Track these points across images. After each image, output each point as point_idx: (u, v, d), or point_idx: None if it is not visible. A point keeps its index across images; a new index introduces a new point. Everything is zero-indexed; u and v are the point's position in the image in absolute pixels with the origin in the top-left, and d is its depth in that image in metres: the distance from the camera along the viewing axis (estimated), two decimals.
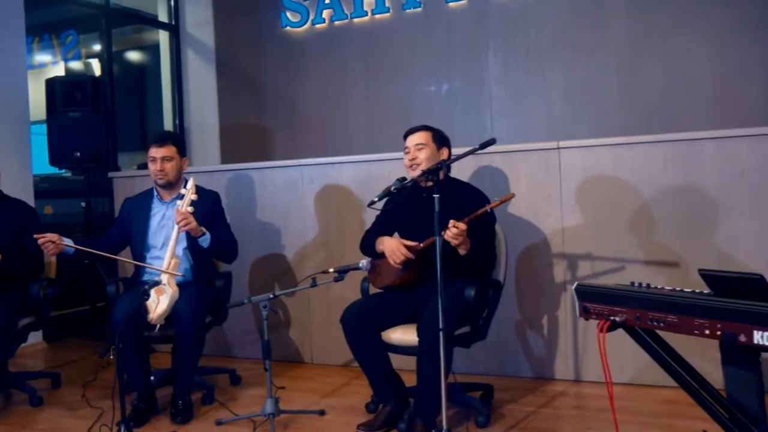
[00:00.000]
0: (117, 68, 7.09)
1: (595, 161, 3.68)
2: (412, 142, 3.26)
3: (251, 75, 6.71)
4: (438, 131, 3.31)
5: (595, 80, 5.42)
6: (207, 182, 4.36)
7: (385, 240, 3.24)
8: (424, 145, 3.22)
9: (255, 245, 4.51)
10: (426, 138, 3.25)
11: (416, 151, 3.22)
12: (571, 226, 3.73)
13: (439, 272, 2.67)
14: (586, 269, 3.71)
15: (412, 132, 3.31)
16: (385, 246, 3.20)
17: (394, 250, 3.14)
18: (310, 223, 4.38)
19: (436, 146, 3.25)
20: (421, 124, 3.34)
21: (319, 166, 4.36)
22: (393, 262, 3.14)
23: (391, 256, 3.15)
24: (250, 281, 4.55)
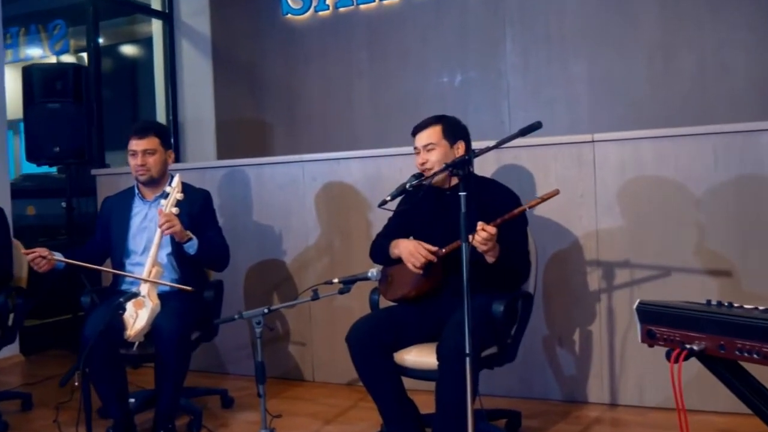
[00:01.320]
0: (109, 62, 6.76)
1: (634, 156, 3.25)
2: (420, 141, 2.85)
3: (249, 66, 6.33)
4: (450, 121, 2.88)
5: (622, 70, 4.99)
6: (198, 180, 4.00)
7: (401, 242, 2.82)
8: (434, 145, 2.80)
9: (251, 250, 4.11)
10: (436, 135, 2.82)
11: (426, 154, 2.80)
12: (607, 229, 3.30)
13: (466, 284, 2.23)
14: (623, 278, 3.29)
15: (419, 129, 2.88)
16: (402, 248, 2.78)
17: (412, 252, 2.72)
18: (312, 225, 3.97)
19: (449, 142, 2.82)
20: (429, 117, 2.91)
21: (322, 162, 3.94)
22: (412, 266, 2.71)
23: (410, 259, 2.72)
24: (246, 290, 4.14)
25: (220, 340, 3.81)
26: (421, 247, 2.70)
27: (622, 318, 3.30)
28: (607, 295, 3.31)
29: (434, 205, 2.84)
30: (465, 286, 2.23)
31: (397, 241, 2.82)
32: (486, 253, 2.51)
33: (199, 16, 6.35)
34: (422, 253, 2.68)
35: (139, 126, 3.31)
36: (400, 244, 2.80)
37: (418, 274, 2.74)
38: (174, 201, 3.06)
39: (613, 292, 3.30)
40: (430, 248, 2.70)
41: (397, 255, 2.80)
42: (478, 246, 2.44)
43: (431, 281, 2.76)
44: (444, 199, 2.80)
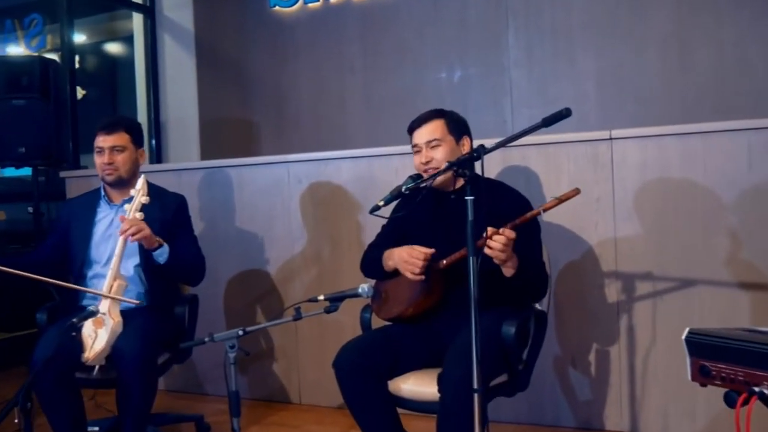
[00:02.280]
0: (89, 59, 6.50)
1: (657, 155, 2.92)
2: (421, 138, 2.49)
3: (235, 62, 6.00)
4: (453, 115, 2.54)
5: (633, 65, 4.67)
6: (175, 183, 3.69)
7: (394, 251, 2.46)
8: (440, 141, 2.45)
9: (232, 259, 3.76)
10: (440, 130, 2.47)
11: (430, 151, 2.45)
12: (627, 237, 2.96)
13: (474, 306, 1.88)
14: (644, 292, 2.95)
15: (419, 124, 2.52)
16: (396, 257, 2.43)
17: (406, 258, 2.37)
18: (298, 232, 3.61)
19: (455, 137, 2.48)
20: (429, 111, 2.56)
21: (309, 162, 3.59)
22: (411, 274, 2.36)
23: (406, 267, 2.37)
24: (226, 304, 3.79)
25: (198, 356, 3.47)
26: (414, 249, 2.35)
27: (643, 336, 2.95)
28: (627, 310, 2.97)
29: (435, 210, 2.49)
30: (473, 308, 1.88)
31: (390, 251, 2.47)
32: (503, 264, 2.17)
33: (182, 10, 5.99)
34: (418, 256, 2.33)
35: (106, 121, 2.95)
36: (393, 253, 2.45)
37: (415, 290, 2.39)
38: (138, 204, 2.71)
39: (634, 308, 2.96)
40: (425, 249, 2.35)
41: (391, 267, 2.45)
42: (495, 255, 2.09)
43: (431, 298, 2.41)
44: (446, 203, 2.45)
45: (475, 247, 1.88)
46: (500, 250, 2.08)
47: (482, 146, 1.91)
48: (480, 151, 1.88)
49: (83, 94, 6.52)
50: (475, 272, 1.87)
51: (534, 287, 2.36)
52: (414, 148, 2.51)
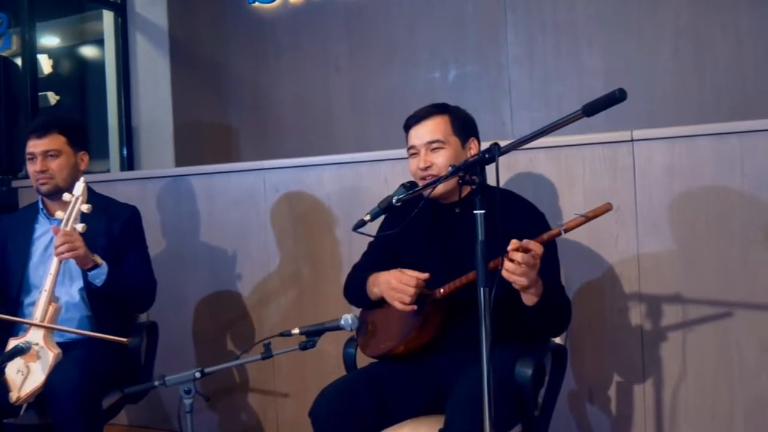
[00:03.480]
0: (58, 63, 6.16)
1: (687, 158, 2.53)
2: (420, 137, 2.09)
3: (212, 63, 5.64)
4: (459, 112, 2.15)
5: (644, 61, 4.32)
6: (137, 193, 3.37)
7: (380, 276, 2.05)
8: (442, 143, 2.06)
9: (200, 279, 3.38)
10: (443, 129, 2.08)
11: (430, 154, 2.05)
12: (652, 253, 2.58)
13: (485, 349, 1.47)
14: (672, 317, 2.56)
15: (418, 120, 2.12)
16: (382, 284, 2.03)
17: (394, 285, 1.97)
18: (274, 249, 3.23)
19: (461, 139, 2.09)
20: (431, 105, 2.18)
21: (287, 170, 3.22)
22: (400, 304, 1.95)
23: (394, 296, 1.97)
24: (195, 331, 3.41)
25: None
26: (404, 274, 1.94)
27: (671, 368, 2.57)
28: (652, 338, 2.59)
29: (432, 226, 2.09)
30: (484, 351, 1.47)
31: (376, 275, 2.07)
32: (525, 290, 1.76)
33: (155, 7, 5.63)
34: (409, 282, 1.92)
35: (37, 122, 2.56)
36: (379, 278, 2.05)
37: (407, 323, 1.99)
38: (76, 215, 2.31)
39: (660, 335, 2.58)
40: (418, 275, 1.95)
41: (377, 294, 2.04)
42: (515, 280, 1.68)
43: (426, 333, 2.01)
44: (447, 218, 2.05)
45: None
46: (522, 272, 1.67)
47: (496, 145, 1.50)
48: (494, 152, 1.47)
49: (57, 100, 6.18)
50: (488, 305, 1.46)
51: (557, 319, 1.95)
52: (410, 150, 2.11)
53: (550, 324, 1.94)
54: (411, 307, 1.94)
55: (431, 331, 1.99)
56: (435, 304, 1.95)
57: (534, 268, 1.69)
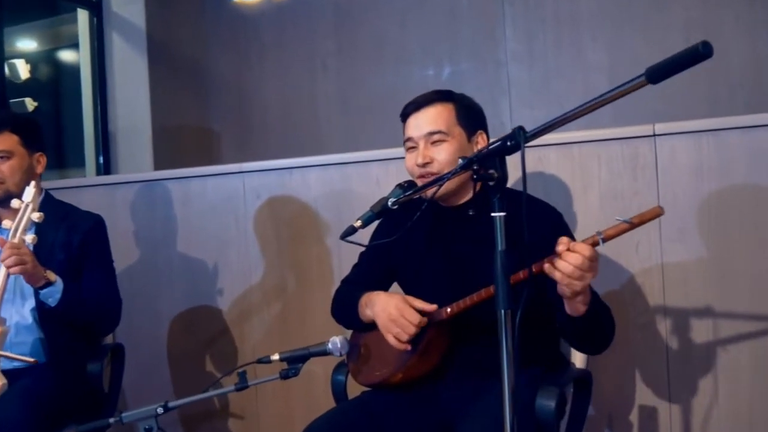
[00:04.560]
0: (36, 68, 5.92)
1: (716, 155, 2.27)
2: (419, 128, 1.82)
3: (192, 63, 5.39)
4: (465, 100, 1.88)
5: (651, 57, 3.88)
6: (106, 200, 3.13)
7: (377, 298, 1.77)
8: (445, 135, 1.79)
9: (176, 293, 3.10)
10: (446, 118, 1.81)
11: (430, 148, 1.78)
12: (678, 262, 2.31)
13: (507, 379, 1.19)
14: (703, 333, 2.29)
15: (417, 107, 1.85)
16: (378, 309, 1.74)
17: (394, 316, 1.68)
18: (255, 259, 2.95)
19: (467, 131, 1.81)
20: (435, 91, 1.92)
21: (269, 172, 2.94)
22: (395, 340, 1.67)
23: (391, 328, 1.69)
24: (170, 351, 3.12)
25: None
26: (407, 307, 1.66)
27: (701, 390, 2.30)
28: (679, 357, 2.32)
29: (433, 233, 1.80)
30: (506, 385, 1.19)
31: (370, 296, 1.78)
32: (574, 297, 1.48)
33: (132, 5, 5.40)
34: (410, 318, 1.63)
35: None
36: (374, 299, 1.76)
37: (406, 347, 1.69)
38: (26, 224, 2.02)
39: (688, 353, 2.31)
40: (426, 306, 1.66)
41: (370, 318, 1.75)
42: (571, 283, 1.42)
43: (429, 359, 1.73)
44: (451, 222, 1.76)
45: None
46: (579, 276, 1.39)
47: (520, 129, 1.22)
48: (518, 137, 1.18)
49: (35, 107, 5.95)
50: (511, 331, 1.17)
51: (606, 329, 1.69)
52: (407, 143, 1.83)
53: (598, 336, 1.67)
54: (405, 346, 1.65)
55: (435, 357, 1.71)
56: (440, 325, 1.67)
57: (591, 272, 1.42)
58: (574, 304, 1.51)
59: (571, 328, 1.55)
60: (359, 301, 1.79)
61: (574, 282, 1.42)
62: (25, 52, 6.21)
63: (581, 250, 1.39)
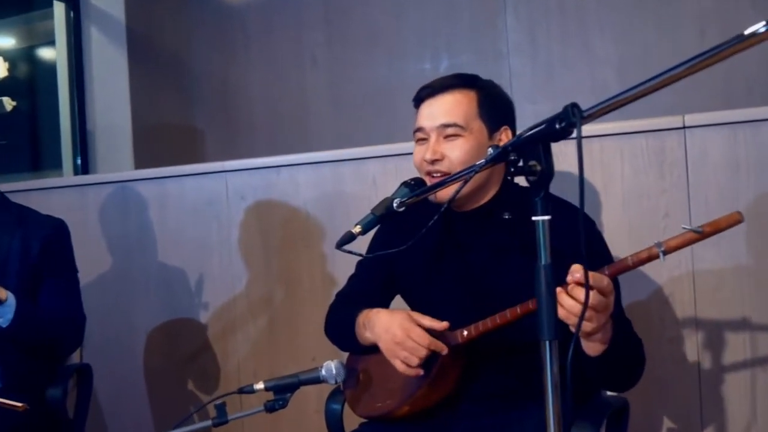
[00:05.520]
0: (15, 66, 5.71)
1: (755, 149, 2.04)
2: (433, 117, 1.56)
3: (175, 57, 5.17)
4: (491, 89, 1.62)
5: (663, 48, 3.83)
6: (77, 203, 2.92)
7: (377, 318, 1.52)
8: (462, 130, 1.52)
9: (153, 305, 2.86)
10: (466, 109, 1.55)
11: (442, 143, 1.53)
12: (711, 270, 2.08)
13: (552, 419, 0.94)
14: (740, 349, 2.06)
15: (434, 93, 1.60)
16: (380, 329, 1.49)
17: (399, 338, 1.44)
18: (239, 268, 2.71)
19: (488, 126, 1.55)
20: (456, 75, 1.66)
21: (254, 171, 2.70)
22: (402, 366, 1.42)
23: (397, 352, 1.44)
24: (147, 368, 2.87)
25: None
26: (414, 326, 1.41)
27: (737, 413, 2.07)
28: (712, 376, 2.10)
29: (443, 241, 1.55)
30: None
31: (368, 314, 1.53)
32: (588, 337, 1.25)
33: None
34: (419, 339, 1.39)
35: None
36: (374, 319, 1.51)
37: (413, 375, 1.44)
38: None
39: (723, 372, 2.09)
40: (435, 324, 1.41)
41: (370, 340, 1.50)
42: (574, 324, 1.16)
43: (440, 389, 1.48)
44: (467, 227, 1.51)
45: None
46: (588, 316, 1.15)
47: (574, 107, 0.97)
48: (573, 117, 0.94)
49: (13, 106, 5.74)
50: (556, 369, 0.93)
51: (630, 369, 1.44)
52: (417, 134, 1.57)
53: (619, 377, 1.42)
54: (416, 371, 1.40)
55: (447, 386, 1.46)
56: (453, 350, 1.42)
57: (606, 311, 1.17)
58: (589, 343, 1.27)
59: (586, 366, 1.30)
60: (356, 320, 1.54)
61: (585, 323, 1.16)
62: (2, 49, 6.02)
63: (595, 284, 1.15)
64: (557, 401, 0.95)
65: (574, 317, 1.13)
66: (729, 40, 0.84)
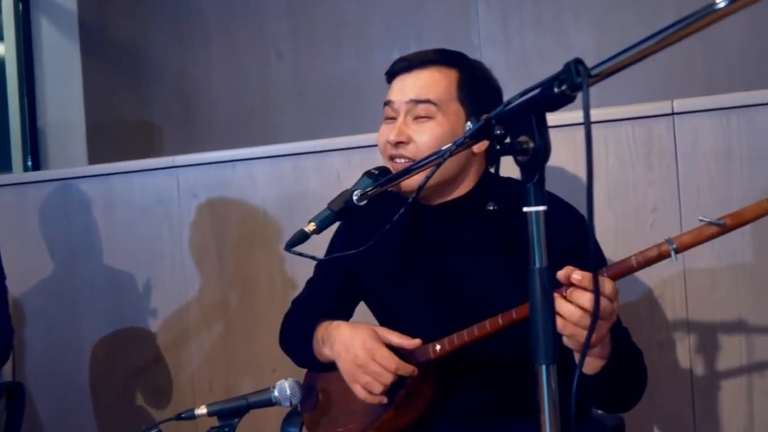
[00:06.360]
0: None
1: (749, 138, 1.90)
2: (404, 92, 1.37)
3: (130, 49, 5.00)
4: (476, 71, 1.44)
5: (644, 35, 3.70)
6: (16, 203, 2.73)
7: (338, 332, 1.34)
8: (435, 110, 1.33)
9: (98, 313, 2.66)
10: (443, 89, 1.36)
11: (410, 124, 1.34)
12: (703, 268, 1.94)
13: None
14: (735, 354, 1.92)
15: (410, 66, 1.40)
16: (339, 347, 1.31)
17: (362, 359, 1.27)
18: (191, 271, 2.53)
19: (468, 112, 1.36)
20: (438, 50, 1.46)
21: (207, 167, 2.53)
22: (363, 392, 1.23)
23: (358, 377, 1.25)
24: (92, 383, 2.67)
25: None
26: (380, 346, 1.23)
27: (733, 423, 1.93)
28: (706, 383, 1.95)
29: (416, 237, 1.36)
30: None
31: (328, 327, 1.35)
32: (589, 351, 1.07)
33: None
34: (384, 363, 1.21)
35: None
36: (334, 334, 1.33)
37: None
38: None
39: (717, 379, 1.95)
40: (405, 342, 1.22)
41: (329, 358, 1.31)
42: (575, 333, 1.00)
43: (411, 409, 1.30)
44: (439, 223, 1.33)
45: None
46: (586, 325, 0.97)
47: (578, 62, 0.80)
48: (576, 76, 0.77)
49: None
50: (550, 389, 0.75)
51: (632, 386, 1.27)
52: (385, 109, 1.39)
53: (620, 397, 1.24)
54: (379, 399, 1.21)
55: (416, 409, 1.28)
56: (423, 368, 1.23)
57: (610, 319, 0.99)
58: (590, 360, 1.09)
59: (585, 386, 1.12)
60: (314, 333, 1.35)
61: (579, 332, 0.99)
62: None
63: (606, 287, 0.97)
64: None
65: (574, 328, 0.95)
66: None
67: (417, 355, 1.23)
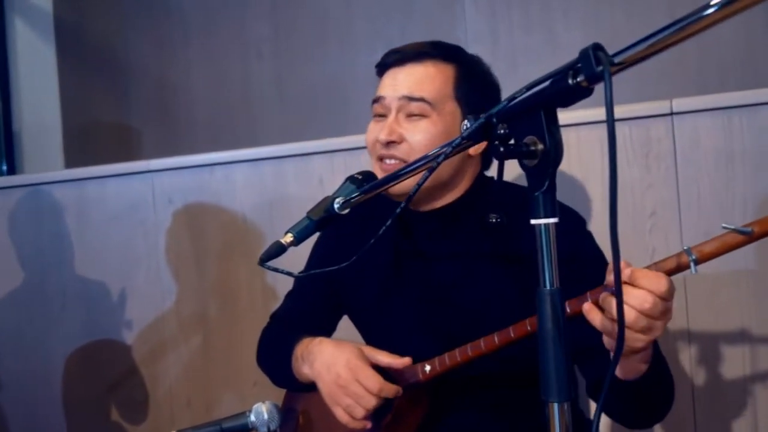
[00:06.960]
0: None
1: (752, 138, 1.83)
2: (396, 87, 1.29)
3: (108, 50, 4.93)
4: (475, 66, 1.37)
5: (634, 34, 3.56)
6: None
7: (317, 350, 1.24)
8: (429, 109, 1.25)
9: (71, 325, 2.58)
10: (439, 85, 1.27)
11: (402, 122, 1.26)
12: (704, 274, 1.86)
13: None
14: (738, 364, 1.85)
15: (403, 59, 1.31)
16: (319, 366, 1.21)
17: (344, 380, 1.17)
18: (168, 281, 2.44)
19: (465, 111, 1.28)
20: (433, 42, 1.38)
21: (184, 171, 2.45)
22: (345, 415, 1.14)
23: (337, 398, 1.16)
24: (66, 399, 2.58)
25: None
26: (364, 366, 1.14)
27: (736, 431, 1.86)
28: (708, 395, 1.88)
29: (405, 248, 1.28)
30: None
31: (309, 344, 1.26)
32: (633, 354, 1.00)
33: None
34: (368, 385, 1.12)
35: None
36: (315, 352, 1.24)
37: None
38: None
39: (720, 390, 1.88)
40: (393, 362, 1.13)
41: (309, 377, 1.22)
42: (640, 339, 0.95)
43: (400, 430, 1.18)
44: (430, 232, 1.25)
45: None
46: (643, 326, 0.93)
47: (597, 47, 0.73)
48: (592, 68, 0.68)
49: None
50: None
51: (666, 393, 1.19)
52: (375, 106, 1.30)
53: (656, 405, 1.17)
54: (362, 425, 1.12)
55: (408, 428, 1.17)
56: (413, 389, 1.13)
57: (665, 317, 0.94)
58: (629, 362, 1.00)
59: (620, 395, 1.03)
60: (294, 350, 1.25)
61: (636, 336, 0.91)
62: None
63: (650, 285, 0.90)
64: None
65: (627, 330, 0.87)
66: None
67: (406, 376, 1.14)
